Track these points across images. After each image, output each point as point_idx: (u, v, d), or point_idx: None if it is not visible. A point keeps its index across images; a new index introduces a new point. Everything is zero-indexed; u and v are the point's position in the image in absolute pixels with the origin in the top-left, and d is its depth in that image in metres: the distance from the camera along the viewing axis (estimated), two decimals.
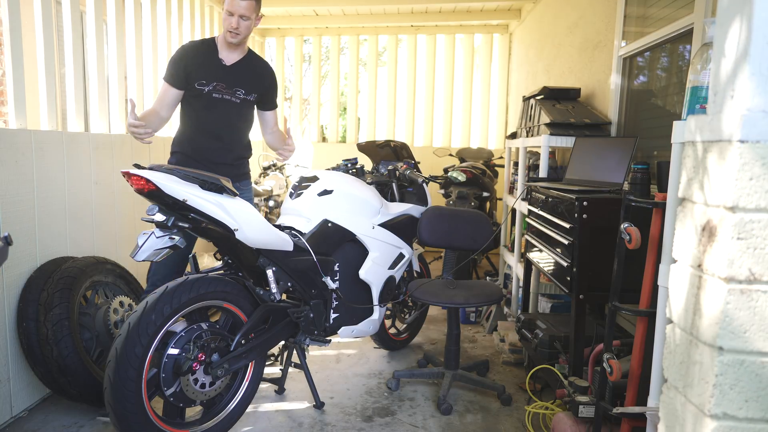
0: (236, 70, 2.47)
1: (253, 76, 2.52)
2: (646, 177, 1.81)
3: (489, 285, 2.67)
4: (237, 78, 2.47)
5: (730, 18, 1.02)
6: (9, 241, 1.37)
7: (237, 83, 2.46)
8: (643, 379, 1.60)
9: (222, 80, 2.43)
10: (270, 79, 2.61)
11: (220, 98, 2.43)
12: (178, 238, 1.84)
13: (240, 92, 2.47)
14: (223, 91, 2.43)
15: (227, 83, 2.44)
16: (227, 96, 2.44)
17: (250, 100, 2.53)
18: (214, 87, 2.42)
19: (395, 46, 6.39)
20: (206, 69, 2.42)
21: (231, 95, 2.45)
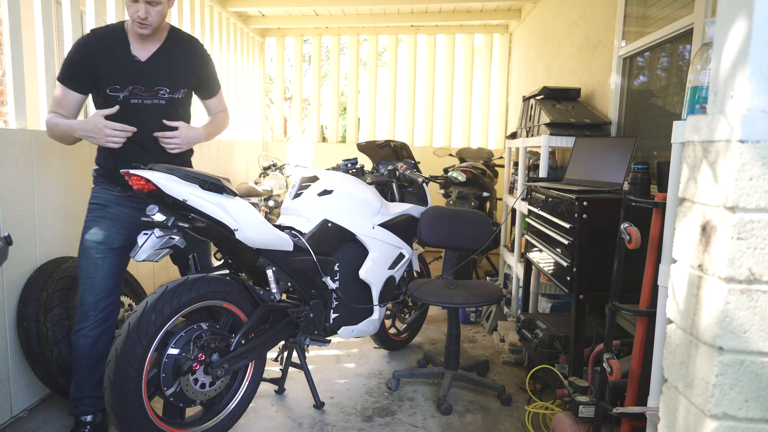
0: (154, 66, 2.04)
1: (177, 68, 2.09)
2: (646, 177, 1.81)
3: (489, 285, 2.67)
4: (156, 76, 2.04)
5: (730, 18, 1.02)
6: (9, 241, 1.37)
7: (158, 82, 2.04)
8: (643, 379, 1.60)
9: (139, 82, 2.00)
10: (199, 64, 2.18)
11: (141, 104, 2.02)
12: (178, 238, 1.84)
13: (164, 92, 2.06)
14: (143, 95, 2.02)
15: (146, 84, 2.02)
16: (149, 100, 2.03)
17: (179, 97, 2.12)
18: (131, 92, 2.00)
19: (395, 46, 6.39)
20: (118, 71, 1.98)
21: (153, 97, 2.04)
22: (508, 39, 6.10)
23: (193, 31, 4.51)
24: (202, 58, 2.20)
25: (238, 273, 2.21)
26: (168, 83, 2.07)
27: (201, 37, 4.70)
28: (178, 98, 2.12)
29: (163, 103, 2.08)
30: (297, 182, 2.53)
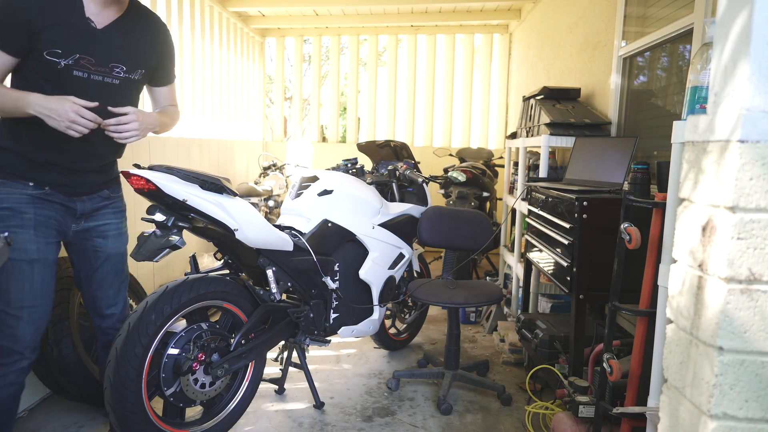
0: (112, 37, 1.69)
1: (137, 44, 1.76)
2: (646, 177, 1.81)
3: (489, 285, 2.67)
4: (114, 49, 1.69)
5: (730, 18, 1.02)
6: (9, 241, 1.37)
7: (114, 57, 1.70)
8: (643, 379, 1.60)
9: (89, 52, 1.64)
10: (162, 44, 1.88)
11: (86, 78, 1.65)
12: (178, 238, 1.84)
13: (119, 69, 1.72)
14: (92, 69, 1.66)
15: (98, 57, 1.66)
16: (98, 75, 1.68)
17: (136, 79, 1.79)
18: (76, 62, 1.62)
19: (395, 46, 6.39)
20: (63, 32, 1.60)
21: (105, 74, 1.69)
22: (508, 39, 6.10)
23: (193, 31, 4.51)
24: (165, 37, 1.89)
25: (238, 273, 2.21)
26: (125, 60, 1.73)
27: (201, 37, 4.70)
28: (134, 80, 1.78)
29: (116, 84, 1.73)
30: (297, 182, 2.53)
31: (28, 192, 1.67)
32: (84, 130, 1.58)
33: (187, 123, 4.41)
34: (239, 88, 5.76)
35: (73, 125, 1.55)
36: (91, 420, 2.25)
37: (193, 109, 4.55)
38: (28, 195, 1.67)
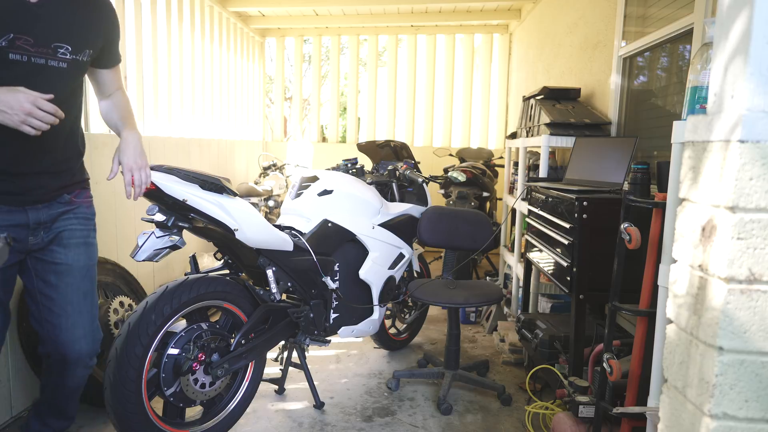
0: (52, 13, 1.45)
1: (82, 20, 1.52)
2: (646, 177, 1.80)
3: (489, 285, 2.67)
4: (56, 26, 1.46)
5: (730, 18, 1.02)
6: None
7: (57, 35, 1.46)
8: (643, 379, 1.60)
9: (26, 31, 1.40)
10: (108, 20, 1.63)
11: (25, 62, 1.41)
12: (178, 238, 1.84)
13: (64, 50, 1.47)
14: (32, 51, 1.41)
15: (38, 36, 1.42)
16: (39, 58, 1.43)
17: (84, 61, 1.55)
18: (10, 42, 1.38)
19: (395, 46, 6.39)
20: None
21: (49, 56, 1.45)
22: (508, 39, 6.10)
23: (193, 31, 4.51)
24: (111, 13, 1.64)
25: (238, 273, 2.21)
26: (69, 39, 1.48)
27: (201, 37, 4.70)
28: (82, 62, 1.54)
29: (64, 68, 1.49)
30: (297, 182, 2.53)
31: None
32: (43, 125, 1.34)
33: (187, 123, 4.41)
34: (239, 88, 5.76)
35: (29, 119, 1.31)
36: (91, 420, 2.25)
37: (193, 109, 4.55)
38: None
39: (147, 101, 3.78)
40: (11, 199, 1.46)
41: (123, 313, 2.47)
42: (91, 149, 2.77)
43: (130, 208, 3.13)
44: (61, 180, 1.59)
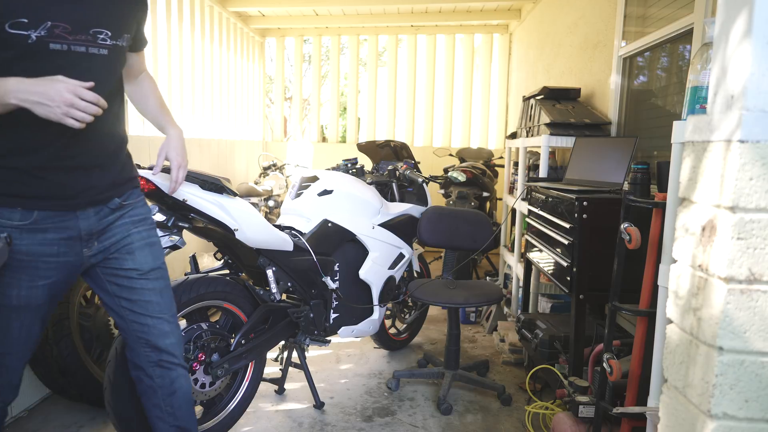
0: None
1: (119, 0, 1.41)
2: (646, 177, 1.81)
3: (489, 285, 2.67)
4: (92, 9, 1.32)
5: (730, 18, 1.02)
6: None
7: (95, 20, 1.32)
8: (643, 379, 1.60)
9: (63, 17, 1.26)
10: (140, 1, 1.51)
11: (66, 51, 1.28)
12: (178, 238, 1.84)
13: (104, 36, 1.34)
14: (70, 39, 1.28)
15: (76, 22, 1.28)
16: (80, 46, 1.30)
17: (123, 45, 1.42)
18: (49, 30, 1.25)
19: (395, 46, 6.39)
20: None
21: (88, 43, 1.32)
22: (508, 39, 6.10)
23: (193, 31, 4.51)
24: None
25: (238, 273, 2.21)
26: (108, 24, 1.35)
27: (201, 37, 4.70)
28: (122, 47, 1.42)
29: (105, 54, 1.36)
30: (297, 182, 2.53)
31: (14, 224, 1.29)
32: (87, 116, 1.22)
33: (187, 123, 4.41)
34: (239, 88, 5.76)
35: (71, 111, 1.20)
36: (91, 420, 2.25)
37: (193, 109, 4.55)
38: (15, 228, 1.29)
39: None
40: (62, 205, 1.33)
41: None
42: None
43: None
44: (111, 175, 1.45)
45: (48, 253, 1.32)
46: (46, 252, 1.32)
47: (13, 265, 1.28)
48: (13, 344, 1.35)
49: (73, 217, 1.35)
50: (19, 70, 1.23)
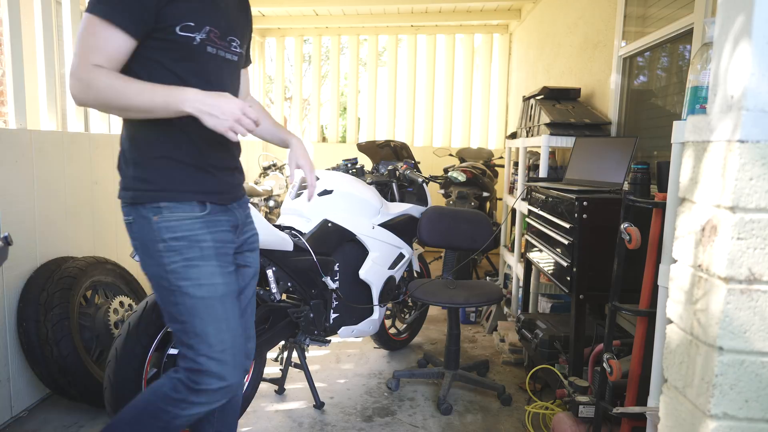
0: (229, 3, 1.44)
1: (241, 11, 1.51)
2: (646, 177, 1.81)
3: (489, 285, 2.67)
4: (231, 17, 1.43)
5: (730, 18, 1.02)
6: (9, 241, 1.36)
7: (232, 27, 1.43)
8: (643, 379, 1.60)
9: (216, 22, 1.36)
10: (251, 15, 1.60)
11: (215, 55, 1.39)
12: None
13: (235, 43, 1.45)
14: (218, 44, 1.39)
15: (222, 28, 1.39)
16: (223, 52, 1.41)
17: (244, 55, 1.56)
18: (207, 35, 1.35)
19: (395, 46, 6.39)
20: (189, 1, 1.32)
21: (226, 50, 1.42)
22: (508, 39, 6.10)
23: None
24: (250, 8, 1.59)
25: None
26: (237, 32, 1.46)
27: None
28: (243, 57, 1.54)
29: (236, 61, 1.47)
30: (297, 182, 2.53)
31: (196, 214, 1.37)
32: (245, 132, 1.30)
33: None
34: None
35: (236, 125, 1.27)
36: (91, 420, 2.25)
37: None
38: (198, 218, 1.37)
39: None
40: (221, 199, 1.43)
41: (123, 313, 2.47)
42: (92, 149, 2.77)
43: None
44: (242, 177, 1.57)
45: (229, 239, 1.43)
46: (227, 239, 1.43)
47: (210, 254, 1.36)
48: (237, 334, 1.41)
49: (231, 209, 1.47)
50: (181, 69, 1.33)
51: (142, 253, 1.36)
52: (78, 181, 2.66)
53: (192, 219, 1.35)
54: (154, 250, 1.33)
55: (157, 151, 1.34)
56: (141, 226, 1.34)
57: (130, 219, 1.36)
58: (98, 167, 2.83)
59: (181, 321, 1.35)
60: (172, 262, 1.33)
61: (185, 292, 1.33)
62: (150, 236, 1.33)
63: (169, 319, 1.38)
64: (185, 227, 1.34)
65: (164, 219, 1.32)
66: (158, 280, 1.36)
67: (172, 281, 1.33)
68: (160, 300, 1.38)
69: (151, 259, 1.34)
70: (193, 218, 1.35)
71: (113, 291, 2.57)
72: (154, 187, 1.33)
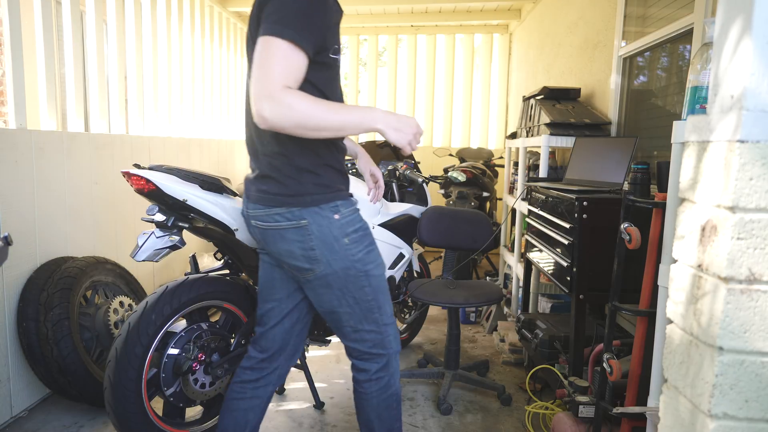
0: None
1: None
2: (646, 177, 1.81)
3: (489, 285, 2.67)
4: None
5: (730, 17, 1.02)
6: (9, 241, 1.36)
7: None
8: (643, 379, 1.60)
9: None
10: None
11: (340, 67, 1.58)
12: (178, 238, 1.84)
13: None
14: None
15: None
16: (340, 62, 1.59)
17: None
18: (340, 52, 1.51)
19: (395, 46, 6.39)
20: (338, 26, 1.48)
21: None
22: (508, 39, 6.10)
23: (193, 31, 4.51)
24: None
25: (238, 273, 2.21)
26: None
27: (201, 37, 4.70)
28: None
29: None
30: None
31: (357, 207, 1.58)
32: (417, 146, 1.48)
33: (187, 123, 4.41)
34: (239, 88, 5.76)
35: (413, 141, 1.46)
36: (91, 420, 2.26)
37: (193, 109, 4.55)
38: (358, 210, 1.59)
39: (147, 101, 3.78)
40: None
41: (123, 313, 2.47)
42: (92, 149, 2.77)
43: (130, 208, 3.13)
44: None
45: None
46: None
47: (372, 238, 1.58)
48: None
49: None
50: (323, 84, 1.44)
51: (326, 251, 1.46)
52: (78, 181, 2.66)
53: (357, 212, 1.55)
54: (341, 245, 1.47)
55: (324, 159, 1.48)
56: (321, 226, 1.46)
57: (304, 222, 1.46)
58: (98, 167, 2.83)
59: (367, 300, 1.54)
60: (358, 251, 1.50)
61: (371, 274, 1.53)
62: (334, 233, 1.47)
63: (352, 302, 1.53)
64: (358, 219, 1.53)
65: (343, 216, 1.49)
66: (346, 271, 1.49)
67: (359, 268, 1.50)
68: (345, 288, 1.51)
69: (336, 254, 1.47)
70: (356, 211, 1.55)
71: (113, 291, 2.57)
72: (332, 190, 1.48)
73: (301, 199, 1.45)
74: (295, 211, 1.45)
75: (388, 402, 1.62)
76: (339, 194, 1.50)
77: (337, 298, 1.53)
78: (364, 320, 1.56)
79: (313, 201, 1.45)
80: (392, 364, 1.62)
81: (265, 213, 1.48)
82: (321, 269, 1.48)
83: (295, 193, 1.45)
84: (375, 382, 1.60)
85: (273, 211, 1.47)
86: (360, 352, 1.59)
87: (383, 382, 1.60)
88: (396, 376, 1.64)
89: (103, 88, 3.15)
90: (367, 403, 1.62)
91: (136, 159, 3.21)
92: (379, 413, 1.62)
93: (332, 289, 1.52)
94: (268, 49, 1.27)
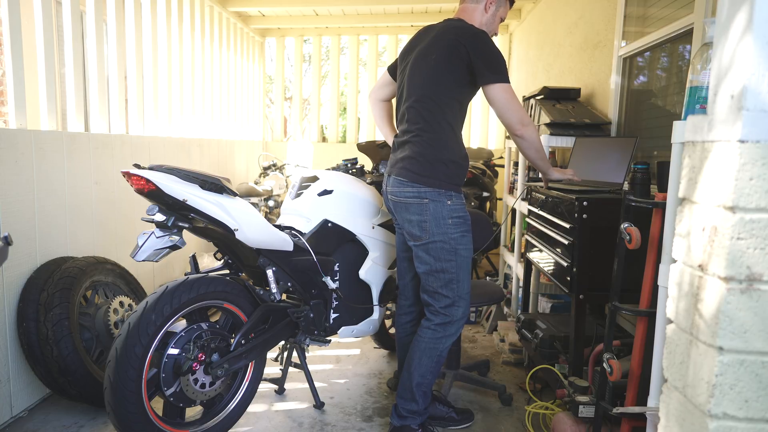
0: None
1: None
2: (646, 177, 1.81)
3: (489, 285, 2.67)
4: None
5: (730, 18, 1.02)
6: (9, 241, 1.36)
7: None
8: (643, 379, 1.60)
9: None
10: None
11: None
12: (178, 238, 1.84)
13: None
14: None
15: None
16: None
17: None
18: None
19: (395, 46, 6.38)
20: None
21: None
22: (508, 39, 6.10)
23: (193, 31, 4.51)
24: None
25: (238, 273, 2.21)
26: None
27: (201, 37, 4.71)
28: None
29: None
30: (297, 182, 2.53)
31: (463, 201, 2.04)
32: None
33: (187, 123, 4.41)
34: (239, 88, 5.76)
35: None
36: (91, 420, 2.26)
37: (193, 109, 4.55)
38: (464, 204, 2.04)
39: (147, 101, 3.78)
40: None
41: (123, 313, 2.47)
42: (92, 149, 2.77)
43: (130, 208, 3.13)
44: None
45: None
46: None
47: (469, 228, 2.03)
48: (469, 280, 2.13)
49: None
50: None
51: (433, 225, 1.96)
52: (78, 181, 2.66)
53: (463, 204, 2.02)
54: (445, 223, 1.96)
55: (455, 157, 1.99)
56: (437, 205, 1.95)
57: (426, 200, 1.96)
58: (98, 167, 2.83)
59: (450, 272, 1.99)
60: (455, 232, 1.97)
61: (460, 253, 1.98)
62: (443, 213, 1.96)
63: (437, 270, 1.99)
64: (461, 209, 2.01)
65: (453, 203, 1.97)
66: (442, 244, 1.96)
67: (452, 245, 1.97)
68: (437, 258, 1.97)
69: (439, 228, 1.96)
70: (463, 203, 2.02)
71: (113, 291, 2.57)
72: (454, 182, 1.98)
73: (434, 181, 1.94)
74: (423, 191, 1.95)
75: (432, 353, 2.02)
76: (456, 187, 1.99)
77: (431, 263, 1.98)
78: (444, 286, 1.99)
79: (441, 185, 1.95)
80: (451, 327, 2.02)
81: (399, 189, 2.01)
82: (427, 237, 1.96)
83: (431, 176, 1.94)
84: (432, 330, 2.02)
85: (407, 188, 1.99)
86: (433, 308, 2.03)
87: (438, 334, 2.02)
88: (449, 341, 2.03)
89: (103, 88, 3.15)
90: (417, 344, 2.04)
91: (136, 159, 3.21)
92: (421, 357, 2.02)
93: (430, 255, 1.98)
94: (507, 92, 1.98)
